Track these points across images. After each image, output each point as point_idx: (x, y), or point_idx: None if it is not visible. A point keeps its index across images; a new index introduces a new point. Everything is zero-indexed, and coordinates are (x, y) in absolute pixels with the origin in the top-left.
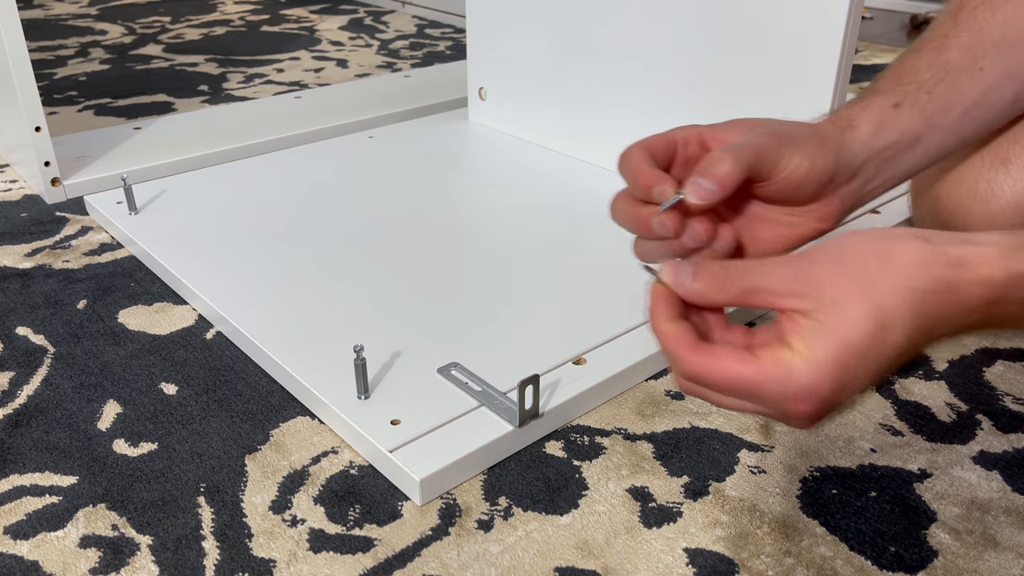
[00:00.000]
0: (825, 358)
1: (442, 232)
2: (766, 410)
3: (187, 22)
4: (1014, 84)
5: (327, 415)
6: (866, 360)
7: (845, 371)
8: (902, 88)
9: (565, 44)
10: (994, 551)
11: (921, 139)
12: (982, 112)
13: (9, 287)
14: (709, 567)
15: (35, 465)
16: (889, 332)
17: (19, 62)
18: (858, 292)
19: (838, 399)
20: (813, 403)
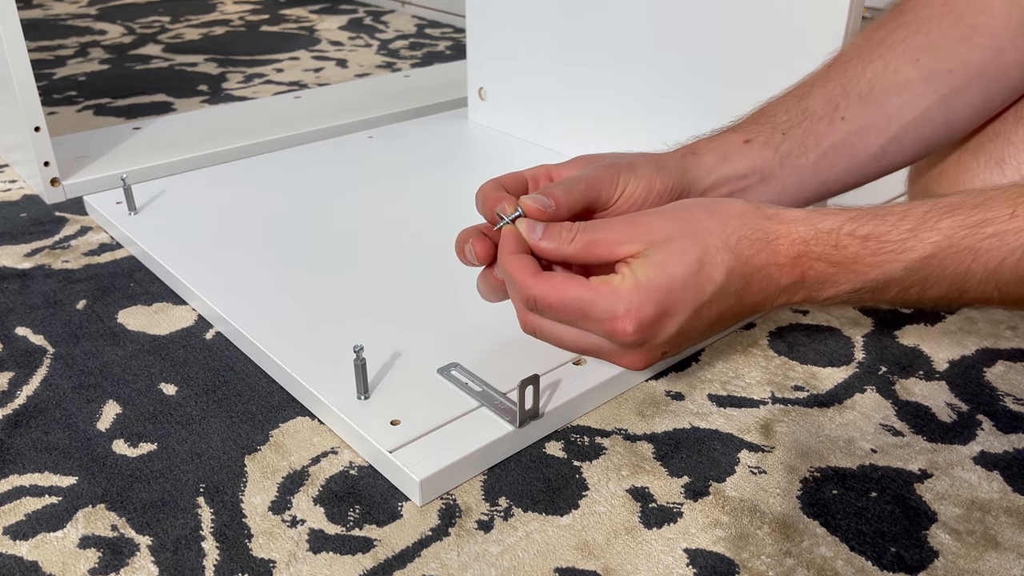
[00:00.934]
0: (648, 281)
1: (442, 232)
2: (596, 340)
3: (187, 22)
4: (878, 138)
5: (327, 415)
6: (686, 290)
7: (666, 296)
8: (756, 127)
9: (565, 44)
10: (995, 551)
11: (775, 176)
12: (843, 159)
13: (8, 287)
14: (709, 567)
15: (34, 465)
16: (708, 267)
17: (18, 62)
18: (682, 231)
19: (662, 327)
20: (637, 324)
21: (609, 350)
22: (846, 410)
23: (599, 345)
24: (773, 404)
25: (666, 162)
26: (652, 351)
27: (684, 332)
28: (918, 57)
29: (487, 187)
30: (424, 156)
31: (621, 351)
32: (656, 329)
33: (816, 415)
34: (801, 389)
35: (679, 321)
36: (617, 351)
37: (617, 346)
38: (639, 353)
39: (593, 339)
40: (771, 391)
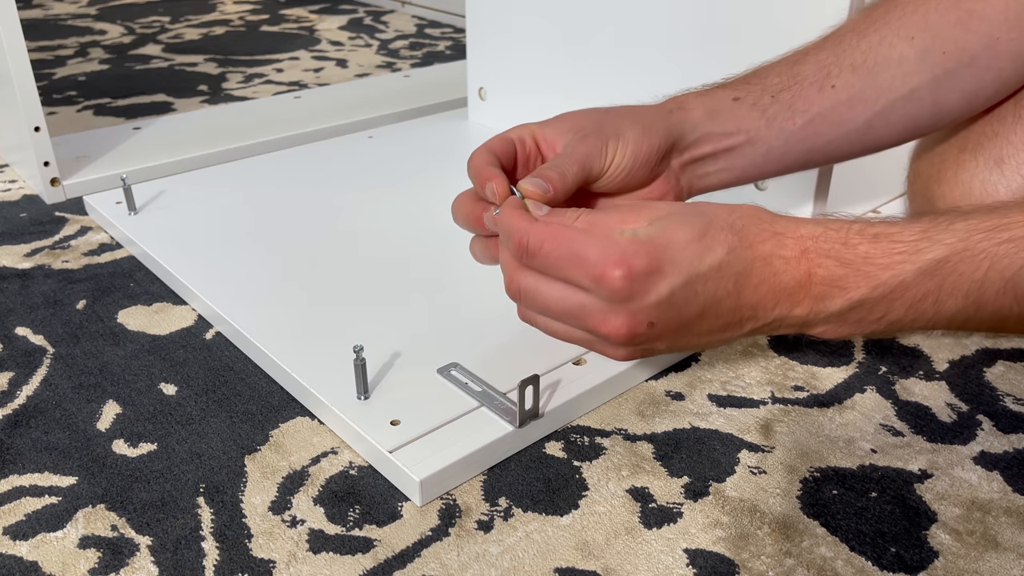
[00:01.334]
0: (647, 238)
1: (442, 232)
2: (581, 299)
3: (186, 22)
4: (865, 110)
5: (327, 415)
6: (683, 252)
7: (663, 253)
8: (746, 87)
9: (565, 44)
10: (995, 552)
11: (761, 137)
12: (830, 128)
13: (8, 287)
14: (709, 567)
15: (34, 465)
16: (709, 238)
17: (18, 62)
18: (687, 209)
19: (652, 285)
20: (627, 270)
21: (593, 310)
22: (846, 410)
23: (583, 305)
24: (773, 404)
25: (652, 122)
26: (637, 317)
27: (676, 305)
28: (913, 35)
29: (479, 159)
30: (424, 156)
31: (606, 311)
32: (646, 285)
33: (816, 415)
34: (801, 389)
35: (671, 284)
36: (602, 310)
37: (602, 303)
38: (624, 316)
39: (578, 298)
40: (771, 391)
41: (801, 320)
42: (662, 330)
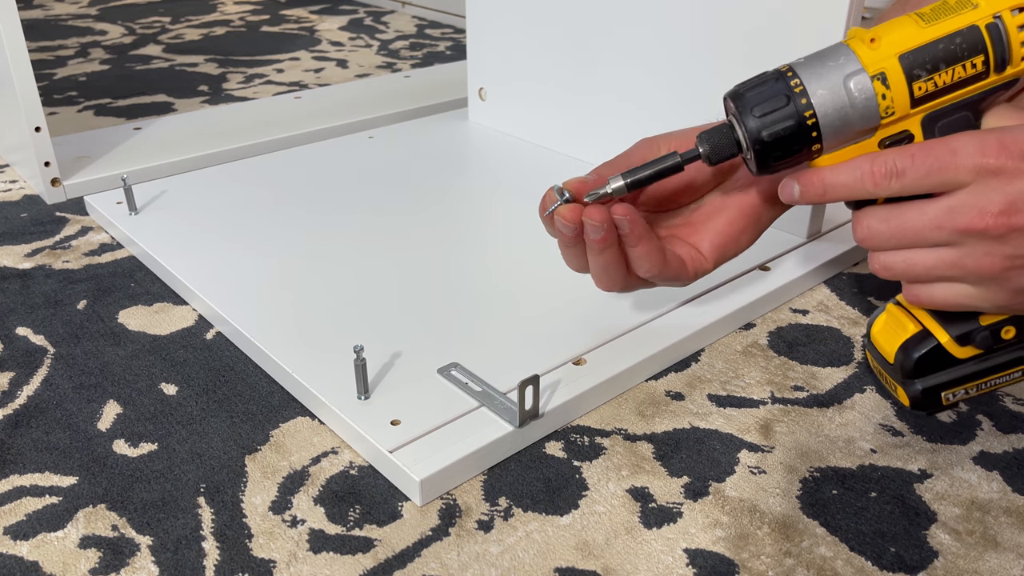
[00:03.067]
0: (1021, 131)
1: (442, 232)
2: (961, 182)
3: (187, 22)
4: None
5: (327, 415)
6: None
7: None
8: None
9: (565, 44)
10: (994, 552)
11: None
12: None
13: (9, 287)
14: (709, 567)
15: (35, 465)
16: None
17: (19, 62)
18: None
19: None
20: (1004, 150)
21: (963, 206)
22: (846, 410)
23: (950, 208)
24: (773, 404)
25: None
26: (1016, 199)
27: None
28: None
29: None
30: (424, 156)
31: (978, 200)
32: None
33: (816, 415)
34: (801, 389)
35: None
36: (974, 203)
37: (973, 196)
38: (1000, 197)
39: (943, 202)
40: (771, 391)
41: None
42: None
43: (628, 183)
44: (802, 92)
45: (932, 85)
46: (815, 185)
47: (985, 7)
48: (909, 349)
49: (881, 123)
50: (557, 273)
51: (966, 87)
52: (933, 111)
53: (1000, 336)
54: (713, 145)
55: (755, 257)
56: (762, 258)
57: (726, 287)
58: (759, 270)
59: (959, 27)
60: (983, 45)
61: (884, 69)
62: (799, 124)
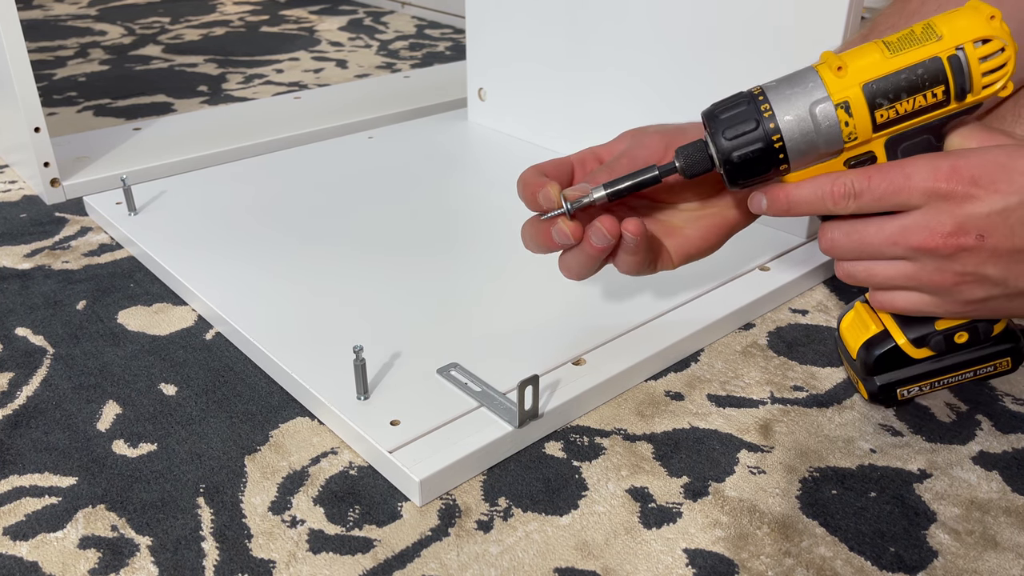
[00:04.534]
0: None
1: (442, 232)
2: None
3: (186, 23)
4: None
5: (326, 416)
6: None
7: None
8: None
9: (565, 44)
10: (994, 551)
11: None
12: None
13: (8, 288)
14: (709, 567)
15: (34, 466)
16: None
17: (18, 63)
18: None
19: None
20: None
21: (916, 226)
22: (845, 410)
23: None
24: (772, 404)
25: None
26: (965, 225)
27: (1010, 224)
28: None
29: (528, 174)
30: (424, 157)
31: (930, 221)
32: (977, 192)
33: (815, 415)
34: (800, 389)
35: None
36: (926, 223)
37: (926, 216)
38: (950, 220)
39: (898, 221)
40: (770, 391)
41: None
42: (993, 249)
43: (608, 194)
44: (771, 117)
45: (893, 112)
46: (780, 200)
47: (949, 39)
48: (870, 348)
49: (844, 147)
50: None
51: (927, 114)
52: (895, 134)
53: (953, 340)
54: (688, 160)
55: (755, 257)
56: (762, 258)
57: (726, 287)
58: (759, 270)
59: (922, 58)
60: (944, 76)
61: (848, 98)
62: (767, 147)
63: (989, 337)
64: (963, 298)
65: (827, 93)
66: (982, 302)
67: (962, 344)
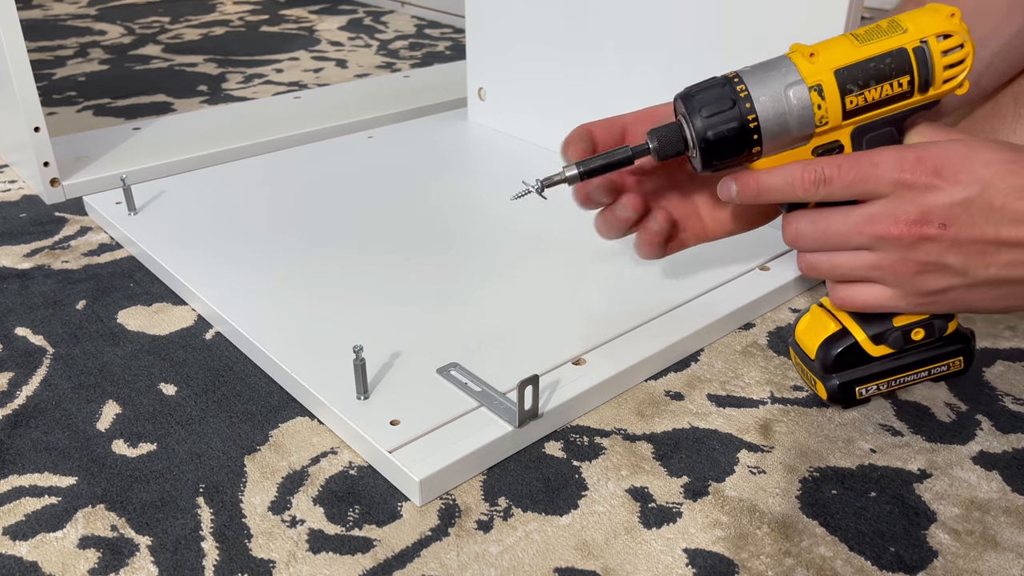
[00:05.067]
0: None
1: (441, 232)
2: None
3: (186, 22)
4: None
5: (326, 416)
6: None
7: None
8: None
9: (565, 44)
10: (994, 551)
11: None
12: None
13: (8, 287)
14: (709, 567)
15: (34, 466)
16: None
17: (18, 62)
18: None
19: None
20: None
21: (881, 214)
22: (845, 410)
23: (869, 215)
24: (772, 404)
25: None
26: (929, 214)
27: (971, 213)
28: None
29: (572, 134)
30: (424, 156)
31: (895, 210)
32: (940, 183)
33: (815, 415)
34: (800, 389)
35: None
36: (891, 211)
37: (892, 205)
38: (915, 210)
39: (863, 210)
40: (770, 391)
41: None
42: (954, 238)
43: (580, 172)
44: (746, 97)
45: (862, 100)
46: (751, 187)
47: (913, 32)
48: (830, 345)
49: (816, 131)
50: (557, 273)
51: (892, 104)
52: (862, 124)
53: (911, 337)
54: (662, 141)
55: (755, 257)
56: (762, 258)
57: (726, 287)
58: (759, 270)
59: (889, 48)
60: (910, 66)
61: (821, 81)
62: (742, 126)
63: (944, 334)
64: (924, 288)
65: (801, 77)
66: (942, 293)
67: (919, 341)
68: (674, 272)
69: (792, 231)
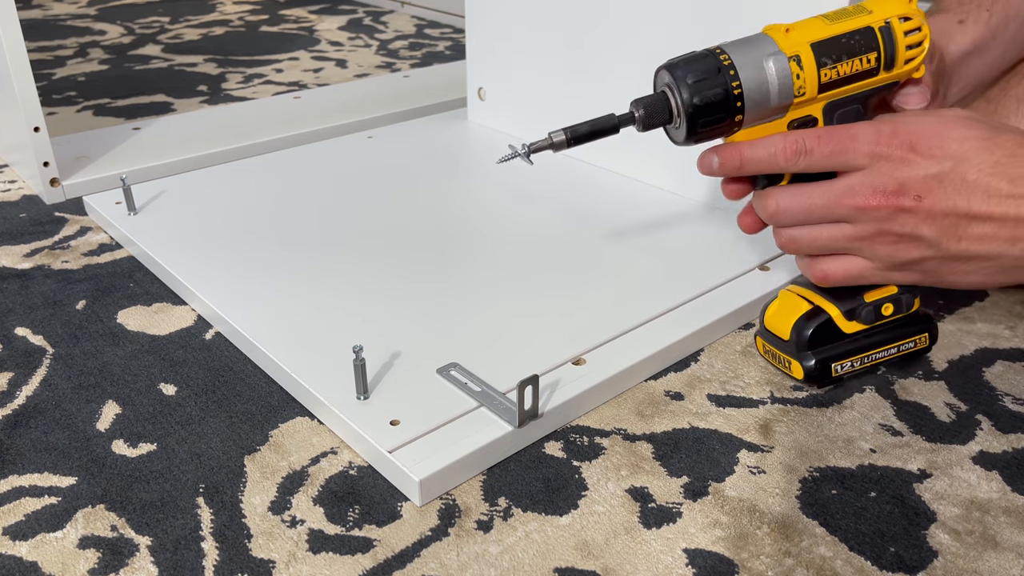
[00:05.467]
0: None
1: (441, 232)
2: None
3: (186, 22)
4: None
5: (326, 416)
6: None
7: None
8: (963, 8)
9: (565, 44)
10: (994, 551)
11: (988, 48)
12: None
13: (8, 287)
14: (709, 567)
15: (34, 466)
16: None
17: (18, 62)
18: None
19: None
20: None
21: (860, 186)
22: (845, 410)
23: (849, 186)
24: (772, 404)
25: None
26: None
27: (944, 186)
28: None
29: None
30: (424, 156)
31: (873, 181)
32: (915, 157)
33: (815, 415)
34: (800, 389)
35: (941, 166)
36: (870, 182)
37: (870, 177)
38: (892, 181)
39: (843, 181)
40: (770, 391)
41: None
42: (928, 210)
43: (568, 138)
44: (730, 66)
45: (835, 73)
46: (733, 158)
47: (878, 13)
48: (805, 323)
49: (794, 101)
50: (557, 273)
51: (861, 80)
52: (833, 100)
53: (881, 312)
54: (648, 110)
55: (755, 257)
56: (762, 258)
57: (726, 287)
58: (759, 270)
59: (858, 26)
60: (876, 43)
61: (799, 53)
62: (727, 93)
63: (911, 309)
64: (899, 259)
65: (780, 48)
66: (916, 264)
67: (888, 316)
68: (674, 272)
69: (773, 205)
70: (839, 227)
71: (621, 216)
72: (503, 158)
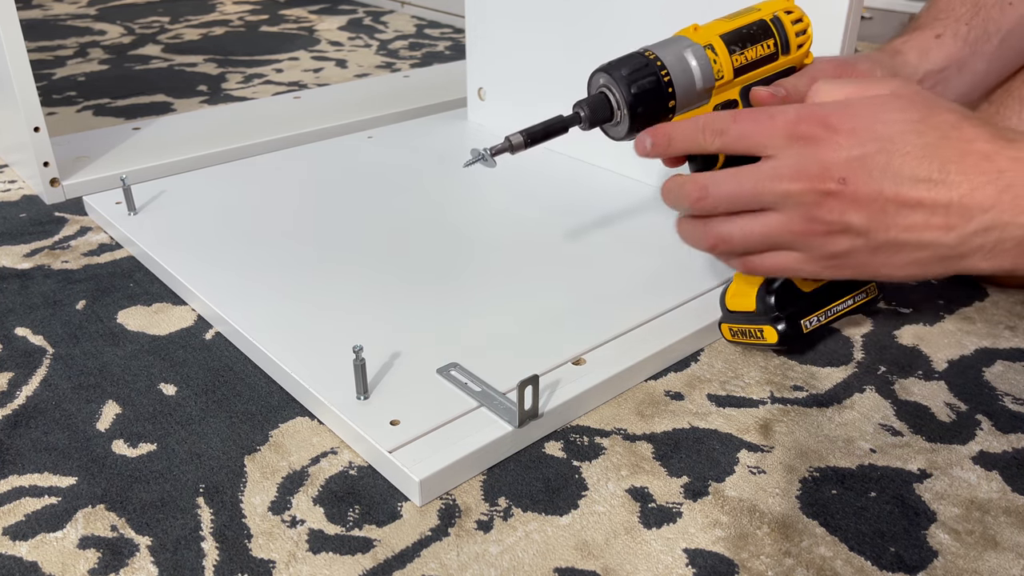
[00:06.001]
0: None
1: (441, 232)
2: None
3: (186, 22)
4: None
5: (326, 416)
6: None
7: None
8: (940, 22)
9: (565, 44)
10: (994, 551)
11: (967, 65)
12: (1018, 40)
13: (8, 287)
14: (709, 567)
15: (34, 466)
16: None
17: (18, 62)
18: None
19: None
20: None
21: (785, 168)
22: (845, 410)
23: (774, 168)
24: (772, 404)
25: (881, 60)
26: (829, 169)
27: (868, 169)
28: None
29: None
30: (424, 156)
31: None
32: (837, 139)
33: (815, 415)
34: (800, 389)
35: (865, 149)
36: (793, 165)
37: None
38: (816, 164)
39: (767, 165)
40: (770, 391)
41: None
42: (853, 194)
43: (525, 140)
44: (656, 59)
45: (744, 59)
46: (662, 137)
47: (766, 10)
48: (766, 291)
49: (716, 84)
50: (557, 273)
51: (767, 64)
52: (747, 85)
53: None
54: (591, 108)
55: None
56: None
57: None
58: None
59: (753, 20)
60: (771, 32)
61: (712, 43)
62: (658, 80)
63: None
64: (829, 250)
65: (695, 41)
66: (847, 255)
67: None
68: (674, 272)
69: (701, 188)
70: (769, 217)
71: (622, 216)
72: (468, 162)
